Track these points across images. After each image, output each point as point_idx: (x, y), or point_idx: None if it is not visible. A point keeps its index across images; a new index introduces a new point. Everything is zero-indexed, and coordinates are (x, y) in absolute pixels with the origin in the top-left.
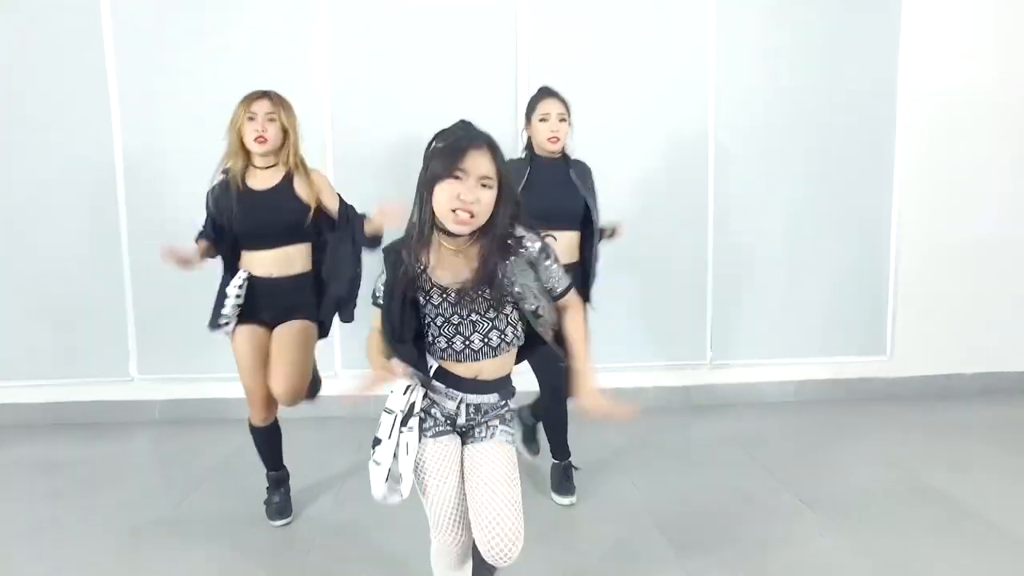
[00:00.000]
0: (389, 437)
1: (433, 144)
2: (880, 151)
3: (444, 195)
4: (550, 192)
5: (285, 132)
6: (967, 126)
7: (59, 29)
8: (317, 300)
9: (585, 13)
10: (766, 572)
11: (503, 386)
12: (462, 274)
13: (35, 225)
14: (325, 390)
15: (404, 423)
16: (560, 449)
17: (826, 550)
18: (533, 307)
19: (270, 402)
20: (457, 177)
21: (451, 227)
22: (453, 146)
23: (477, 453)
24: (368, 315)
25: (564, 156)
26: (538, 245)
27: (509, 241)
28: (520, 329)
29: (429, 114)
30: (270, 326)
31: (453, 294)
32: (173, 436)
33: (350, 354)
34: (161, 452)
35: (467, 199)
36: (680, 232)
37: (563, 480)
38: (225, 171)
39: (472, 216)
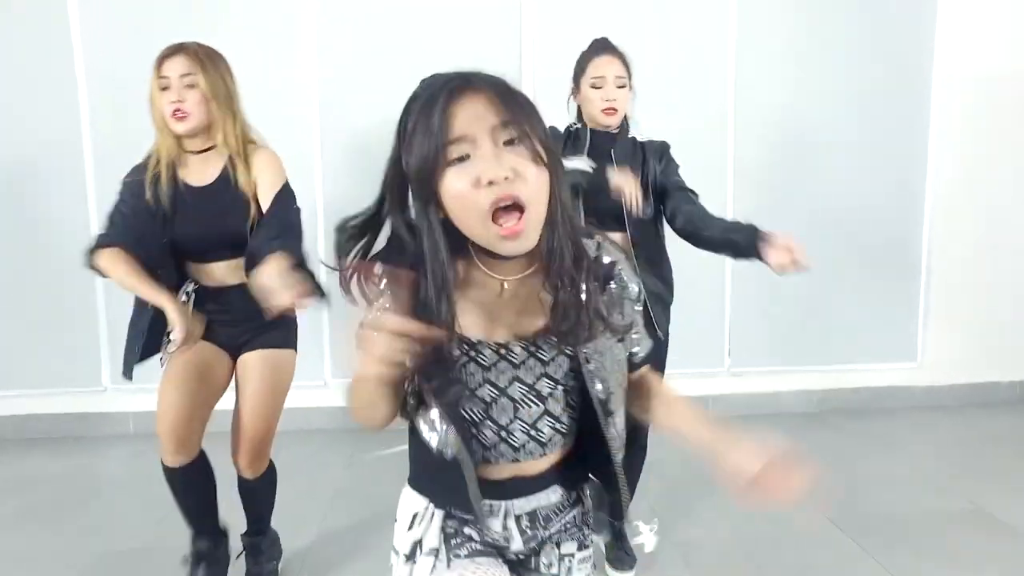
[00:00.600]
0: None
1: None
2: (912, 149)
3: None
4: (593, 181)
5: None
6: (1005, 124)
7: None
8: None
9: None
10: None
11: (565, 473)
12: (507, 320)
13: (3, 229)
14: (311, 400)
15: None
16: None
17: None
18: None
19: (191, 431)
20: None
21: (498, 246)
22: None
23: None
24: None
25: (625, 132)
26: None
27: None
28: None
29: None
30: (227, 348)
31: (500, 352)
32: (149, 451)
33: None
34: (135, 468)
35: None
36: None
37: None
38: (147, 160)
39: (522, 213)
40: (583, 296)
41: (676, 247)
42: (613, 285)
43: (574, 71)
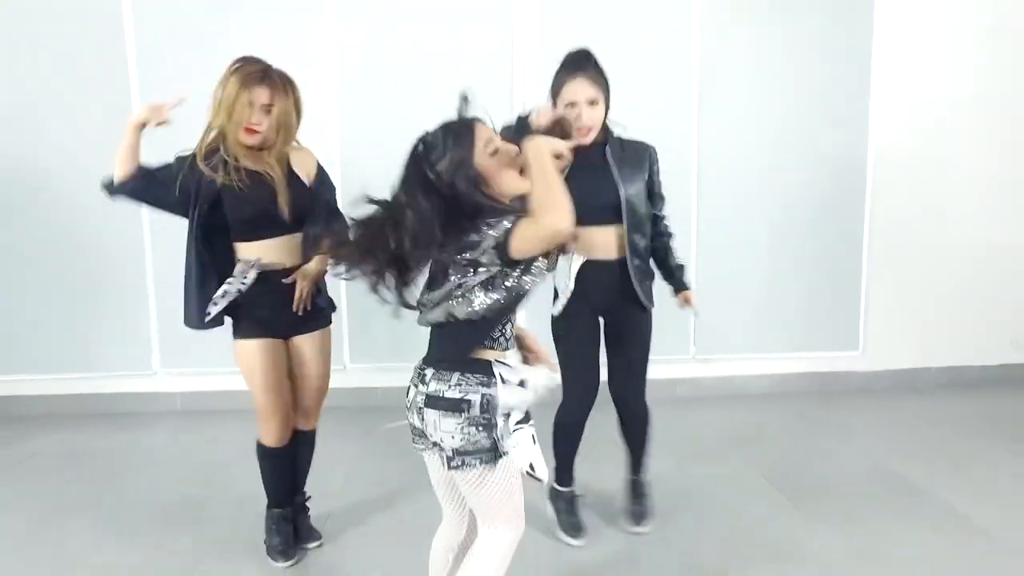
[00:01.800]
0: (516, 446)
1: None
2: (853, 164)
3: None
4: (586, 183)
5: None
6: (935, 138)
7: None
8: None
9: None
10: (737, 548)
11: None
12: None
13: (64, 226)
14: (333, 382)
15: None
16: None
17: (792, 528)
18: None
19: (287, 422)
20: None
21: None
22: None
23: None
24: None
25: (610, 137)
26: None
27: None
28: None
29: (431, 96)
30: (279, 333)
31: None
32: (194, 426)
33: (358, 348)
34: (183, 440)
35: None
36: None
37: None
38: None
39: None
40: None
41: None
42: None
43: (552, 87)
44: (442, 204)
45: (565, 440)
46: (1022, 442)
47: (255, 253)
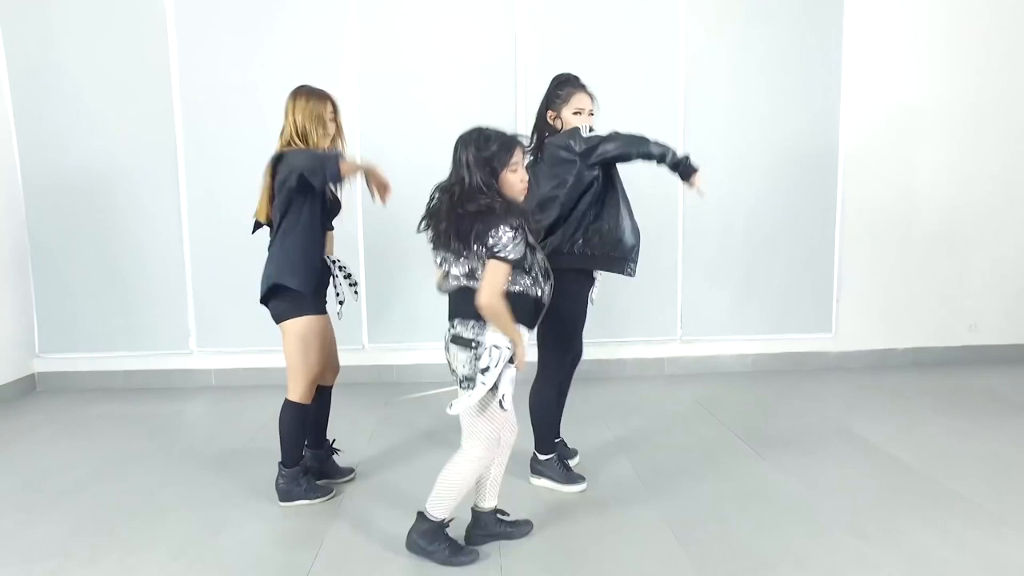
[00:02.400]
0: (496, 366)
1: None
2: (825, 162)
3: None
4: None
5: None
6: (900, 137)
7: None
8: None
9: (574, 25)
10: (710, 488)
11: None
12: None
13: (111, 225)
14: (354, 359)
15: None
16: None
17: (766, 487)
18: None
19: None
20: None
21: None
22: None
23: None
24: None
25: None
26: None
27: None
28: None
29: (441, 96)
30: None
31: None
32: (227, 398)
33: (376, 329)
34: (218, 410)
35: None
36: (654, 228)
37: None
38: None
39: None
40: None
41: (643, 242)
42: None
43: (558, 96)
44: (469, 179)
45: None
46: (968, 409)
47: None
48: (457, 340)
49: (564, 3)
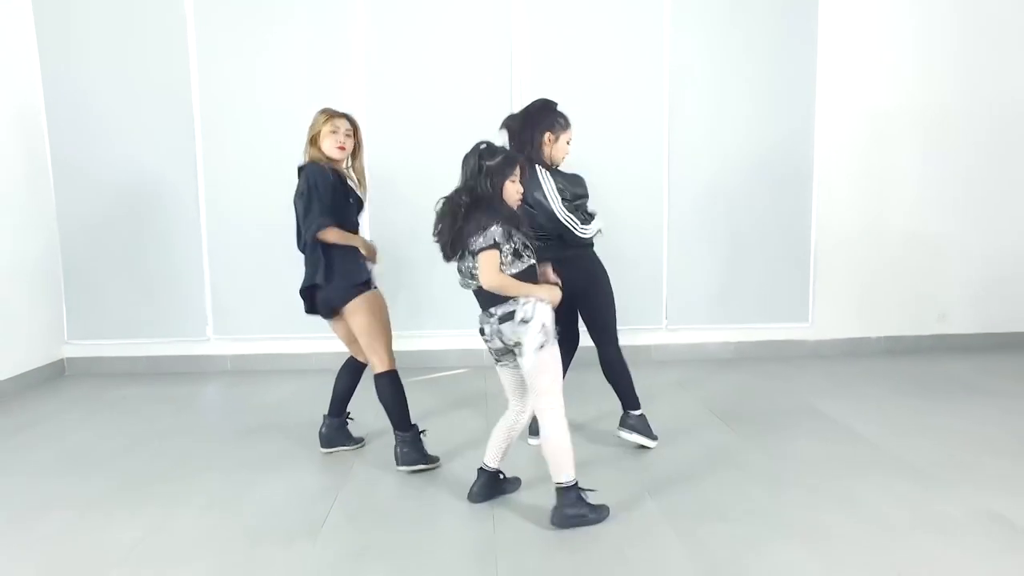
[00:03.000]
0: (534, 316)
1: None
2: (802, 163)
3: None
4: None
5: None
6: (872, 139)
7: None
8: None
9: (564, 42)
10: (684, 457)
11: None
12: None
13: (135, 220)
14: None
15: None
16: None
17: (736, 455)
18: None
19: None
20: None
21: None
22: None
23: None
24: None
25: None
26: None
27: None
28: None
29: (441, 107)
30: None
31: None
32: (242, 382)
33: None
34: (233, 393)
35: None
36: (641, 223)
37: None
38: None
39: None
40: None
41: (632, 235)
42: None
43: (551, 125)
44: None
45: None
46: (931, 391)
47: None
48: (505, 319)
49: (556, 23)
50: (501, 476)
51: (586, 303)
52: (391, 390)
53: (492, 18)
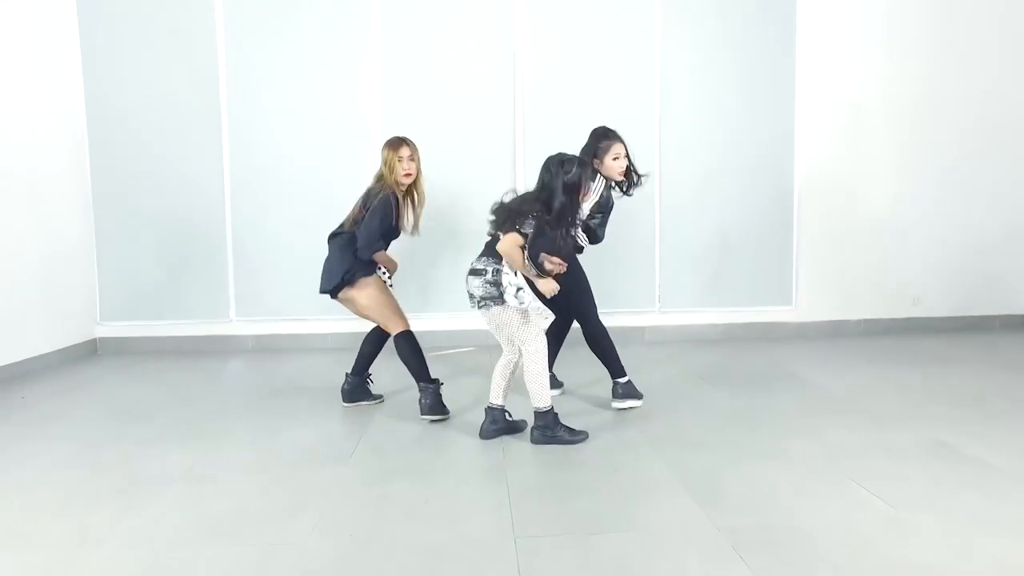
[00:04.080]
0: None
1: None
2: (783, 157)
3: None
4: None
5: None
6: (849, 133)
7: (179, 38)
8: None
9: (563, 58)
10: (674, 408)
11: None
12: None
13: (163, 209)
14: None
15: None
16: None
17: (716, 405)
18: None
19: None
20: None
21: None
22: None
23: None
24: None
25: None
26: None
27: None
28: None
29: (452, 114)
30: None
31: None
32: (264, 360)
33: None
34: (256, 369)
35: None
36: (636, 214)
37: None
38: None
39: None
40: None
41: (626, 226)
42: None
43: (598, 148)
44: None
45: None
46: (903, 362)
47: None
48: (472, 272)
49: (555, 42)
50: (508, 415)
51: (570, 297)
52: (408, 347)
53: (497, 36)
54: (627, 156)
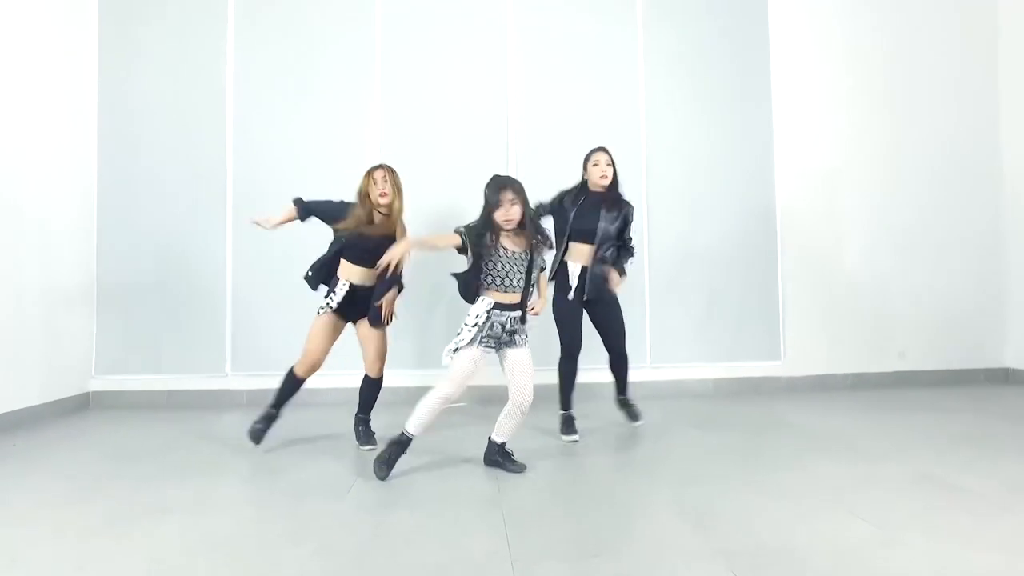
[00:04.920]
0: (469, 344)
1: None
2: (765, 215)
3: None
4: (584, 214)
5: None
6: (825, 192)
7: (187, 71)
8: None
9: (558, 100)
10: (666, 452)
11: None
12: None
13: (162, 265)
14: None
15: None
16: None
17: (707, 445)
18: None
19: (316, 366)
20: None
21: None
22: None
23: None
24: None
25: (614, 190)
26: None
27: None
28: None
29: (447, 152)
30: (345, 319)
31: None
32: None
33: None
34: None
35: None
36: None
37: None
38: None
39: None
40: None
41: (631, 290)
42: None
43: (585, 159)
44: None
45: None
46: (890, 410)
47: (346, 273)
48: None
49: (545, 80)
50: (505, 450)
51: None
52: (286, 384)
53: (491, 81)
54: (608, 164)
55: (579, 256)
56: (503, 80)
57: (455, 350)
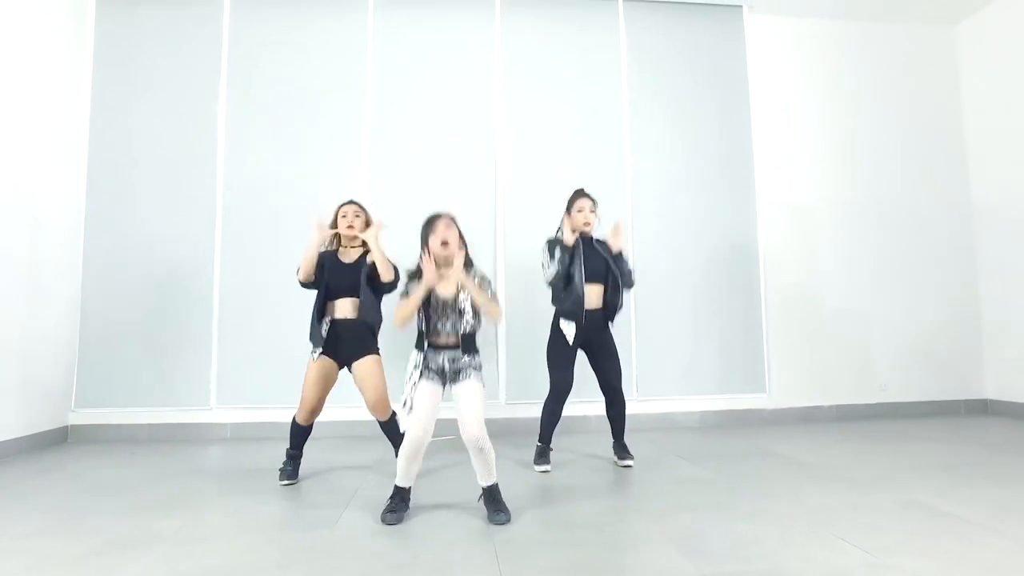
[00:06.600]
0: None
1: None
2: (748, 255)
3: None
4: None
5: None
6: (803, 232)
7: (179, 102)
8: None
9: (544, 134)
10: (655, 484)
11: (468, 350)
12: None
13: (147, 299)
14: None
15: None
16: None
17: (697, 476)
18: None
19: (314, 412)
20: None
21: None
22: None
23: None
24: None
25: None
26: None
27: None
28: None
29: (435, 193)
30: (340, 362)
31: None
32: (241, 450)
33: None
34: (237, 452)
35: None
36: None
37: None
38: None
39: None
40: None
41: (618, 325)
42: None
43: (567, 204)
44: None
45: (550, 416)
46: (875, 440)
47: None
48: None
49: (532, 126)
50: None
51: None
52: (293, 430)
53: (480, 140)
54: (592, 213)
55: (588, 298)
56: (490, 117)
57: (404, 403)
